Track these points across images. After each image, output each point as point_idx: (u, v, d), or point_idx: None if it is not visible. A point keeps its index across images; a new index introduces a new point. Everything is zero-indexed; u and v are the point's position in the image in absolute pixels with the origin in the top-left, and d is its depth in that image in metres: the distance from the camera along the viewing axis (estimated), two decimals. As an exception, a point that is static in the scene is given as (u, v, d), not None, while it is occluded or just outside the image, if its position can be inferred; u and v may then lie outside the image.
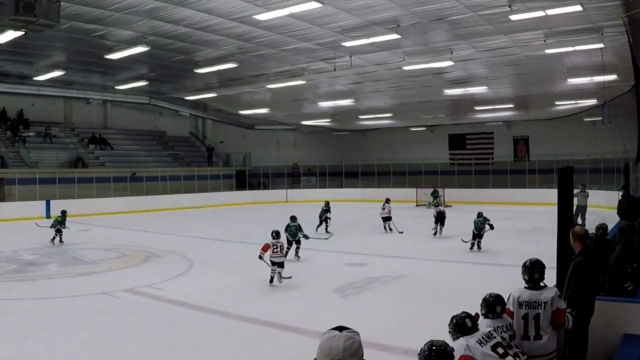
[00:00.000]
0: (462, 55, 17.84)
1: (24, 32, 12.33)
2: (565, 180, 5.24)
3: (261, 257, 9.96)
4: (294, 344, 6.76)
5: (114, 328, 7.37)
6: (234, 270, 11.51)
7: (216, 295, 9.29)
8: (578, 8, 12.33)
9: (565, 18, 13.48)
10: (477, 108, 27.42)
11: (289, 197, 32.00)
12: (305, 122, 34.70)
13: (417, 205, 27.68)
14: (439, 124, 33.35)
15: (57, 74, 21.68)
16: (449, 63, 18.26)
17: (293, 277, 10.24)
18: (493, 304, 4.06)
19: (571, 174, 5.27)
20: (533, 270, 4.21)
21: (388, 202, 18.01)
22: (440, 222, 16.06)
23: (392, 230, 17.24)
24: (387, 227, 17.43)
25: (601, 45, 15.36)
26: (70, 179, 24.42)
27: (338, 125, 36.17)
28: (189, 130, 34.90)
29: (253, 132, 35.47)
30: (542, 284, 4.21)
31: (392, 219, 17.50)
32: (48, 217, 22.27)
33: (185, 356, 6.43)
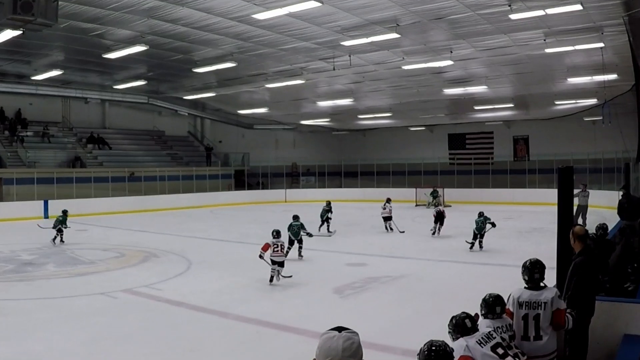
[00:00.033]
0: (462, 55, 17.79)
1: (21, 32, 12.22)
2: (565, 180, 5.23)
3: (262, 257, 9.97)
4: (293, 344, 6.75)
5: (113, 328, 7.35)
6: (232, 270, 11.49)
7: (215, 295, 9.27)
8: (578, 7, 12.30)
9: (565, 17, 13.44)
10: (476, 108, 27.37)
11: (287, 197, 31.96)
12: (304, 122, 34.64)
13: (416, 205, 27.66)
14: (438, 123, 33.31)
15: (55, 73, 21.64)
16: (449, 62, 18.22)
17: (292, 277, 10.23)
18: (493, 304, 4.04)
19: (571, 173, 5.27)
20: (533, 271, 4.20)
21: (389, 201, 18.02)
22: (439, 222, 16.13)
23: (393, 230, 17.24)
24: (388, 227, 17.43)
25: (601, 45, 15.33)
26: (68, 179, 24.40)
27: (337, 125, 36.12)
28: (187, 130, 34.86)
29: (252, 131, 35.43)
30: (542, 284, 4.20)
31: (393, 218, 17.49)
32: (46, 217, 22.27)
33: (184, 356, 6.42)
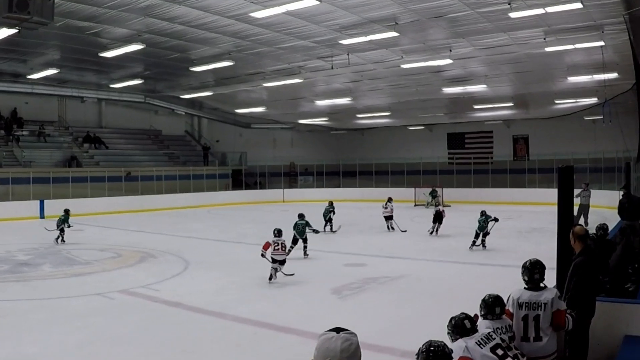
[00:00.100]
0: (461, 53, 17.72)
1: (17, 30, 12.14)
2: (566, 179, 5.24)
3: (263, 255, 10.01)
4: (291, 345, 6.72)
5: (109, 329, 7.31)
6: (230, 270, 11.48)
7: (212, 296, 9.25)
8: (578, 5, 12.24)
9: (565, 15, 13.36)
10: (476, 107, 27.30)
11: (285, 197, 31.91)
12: (302, 121, 34.53)
13: (415, 205, 27.64)
14: (437, 122, 33.25)
15: (51, 72, 21.56)
16: (448, 61, 18.15)
17: (290, 277, 10.20)
18: (492, 305, 4.03)
19: (571, 173, 5.27)
20: (533, 271, 4.19)
21: (390, 201, 18.09)
22: (438, 222, 16.19)
23: (394, 230, 17.26)
24: (390, 226, 17.48)
25: (602, 43, 15.26)
26: (64, 179, 24.29)
27: (335, 124, 36.04)
28: (184, 129, 34.78)
29: (249, 131, 35.32)
30: (542, 284, 4.19)
31: (394, 218, 17.52)
32: (42, 217, 22.24)
33: (181, 357, 6.38)
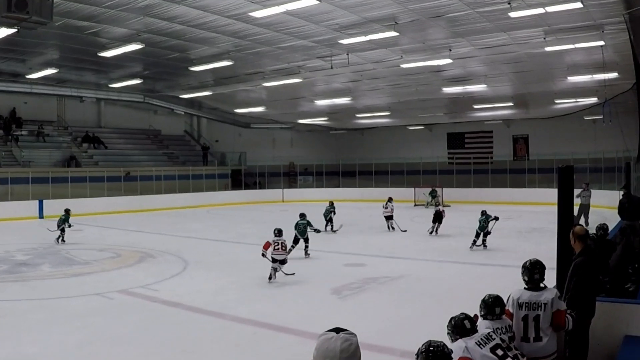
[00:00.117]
0: (461, 53, 17.67)
1: (16, 30, 12.17)
2: (566, 179, 5.23)
3: (264, 255, 10.05)
4: (290, 345, 6.71)
5: (108, 329, 7.31)
6: (229, 270, 11.48)
7: (211, 296, 9.24)
8: (578, 5, 12.19)
9: (565, 15, 13.32)
10: (476, 106, 27.23)
11: (285, 197, 31.87)
12: (301, 121, 34.46)
13: (415, 205, 27.60)
14: (437, 122, 33.21)
15: (50, 71, 21.48)
16: (448, 61, 18.09)
17: (290, 277, 10.19)
18: (492, 305, 4.02)
19: (571, 173, 5.26)
20: (533, 271, 4.18)
21: (390, 200, 18.13)
22: (438, 221, 16.20)
23: (394, 229, 17.26)
24: (390, 226, 17.49)
25: (602, 43, 15.21)
26: (63, 179, 24.25)
27: (335, 124, 35.99)
28: (183, 129, 34.75)
29: (249, 130, 35.26)
30: (542, 284, 4.18)
31: (394, 217, 17.53)
32: (41, 217, 22.23)
33: (180, 358, 6.38)
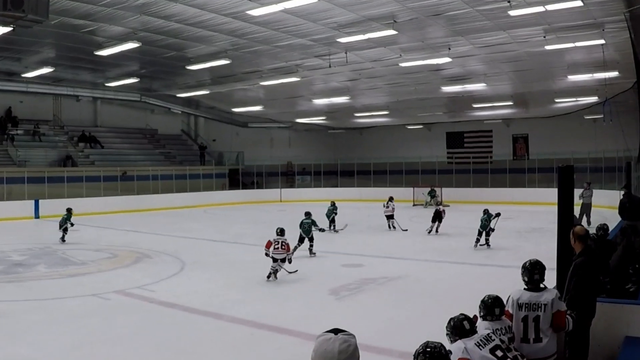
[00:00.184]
0: (460, 52, 17.61)
1: (12, 28, 12.15)
2: (566, 179, 5.19)
3: (267, 254, 10.18)
4: (288, 346, 6.68)
5: (105, 330, 7.28)
6: (226, 271, 11.46)
7: (209, 296, 9.20)
8: (578, 3, 12.14)
9: (565, 13, 13.26)
10: (475, 105, 27.16)
11: (283, 197, 31.79)
12: (299, 120, 34.40)
13: (414, 205, 27.55)
14: (436, 121, 33.15)
15: (46, 70, 21.39)
16: (447, 59, 17.98)
17: (289, 278, 10.19)
18: (492, 306, 3.99)
19: (571, 173, 5.22)
20: (533, 272, 4.16)
21: (391, 200, 18.22)
22: (438, 220, 16.22)
23: (395, 229, 17.32)
24: (391, 225, 17.53)
25: (602, 42, 15.14)
26: (59, 178, 24.16)
27: (333, 123, 35.91)
28: (180, 128, 34.68)
29: (246, 130, 35.17)
30: (542, 285, 4.15)
31: (394, 217, 17.57)
32: (37, 217, 22.16)
33: (177, 359, 6.37)
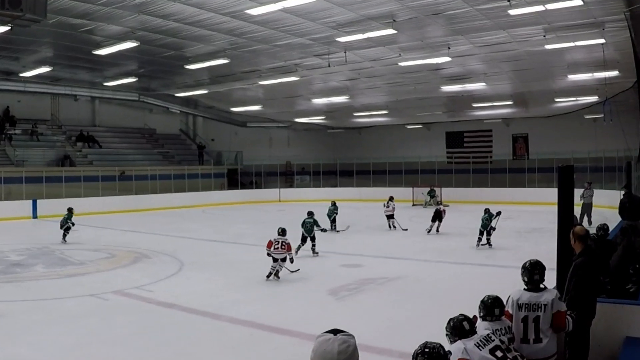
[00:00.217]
0: (460, 51, 17.58)
1: (10, 27, 12.15)
2: (566, 179, 5.16)
3: (269, 254, 10.22)
4: (287, 347, 6.66)
5: (103, 331, 7.26)
6: (225, 271, 11.43)
7: (207, 297, 9.18)
8: (579, 2, 12.12)
9: (565, 13, 13.24)
10: (475, 105, 27.14)
11: (282, 197, 31.74)
12: (298, 120, 34.36)
13: (413, 205, 27.50)
14: (435, 121, 33.11)
15: (44, 70, 21.34)
16: (446, 59, 17.94)
17: (288, 278, 10.18)
18: (491, 306, 3.98)
19: (572, 172, 5.18)
20: (533, 272, 4.15)
21: (391, 199, 18.23)
22: (438, 220, 16.20)
23: (395, 228, 17.32)
24: (391, 225, 17.53)
25: (602, 41, 15.11)
26: (57, 178, 24.09)
27: (332, 123, 35.86)
28: (179, 128, 34.61)
29: (245, 129, 35.13)
30: (542, 285, 4.15)
31: (395, 217, 17.56)
32: (35, 217, 22.11)
33: (176, 359, 6.36)
